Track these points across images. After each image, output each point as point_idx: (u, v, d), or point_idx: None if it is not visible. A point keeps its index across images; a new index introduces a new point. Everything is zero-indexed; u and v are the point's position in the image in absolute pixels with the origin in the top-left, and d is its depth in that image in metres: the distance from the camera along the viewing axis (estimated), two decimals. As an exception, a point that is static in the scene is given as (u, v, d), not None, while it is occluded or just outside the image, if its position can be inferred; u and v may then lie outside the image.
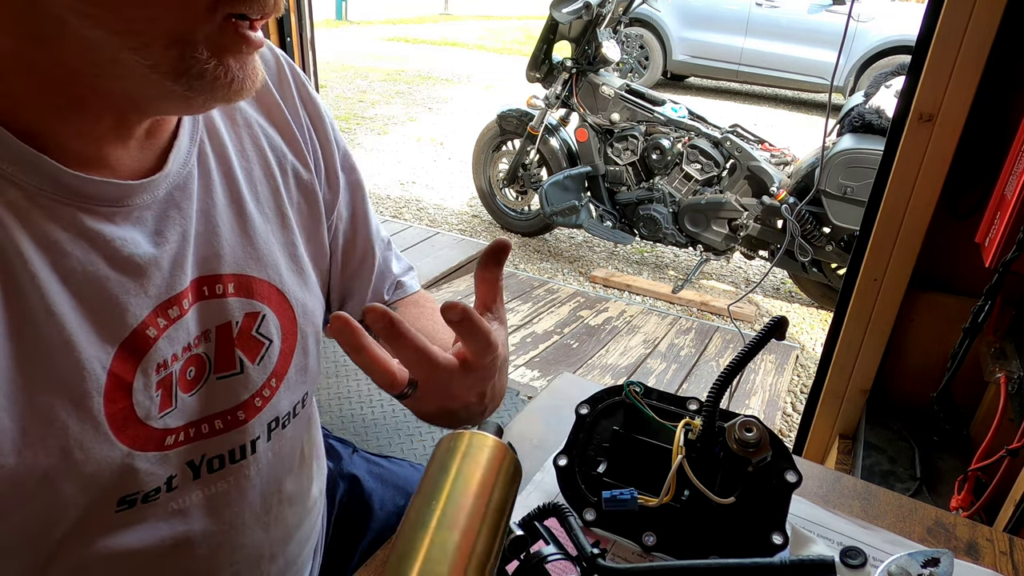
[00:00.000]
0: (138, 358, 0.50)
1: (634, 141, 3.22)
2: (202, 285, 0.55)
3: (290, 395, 0.63)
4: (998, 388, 1.12)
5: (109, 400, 0.48)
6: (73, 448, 0.47)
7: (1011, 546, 0.61)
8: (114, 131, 0.48)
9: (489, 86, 7.83)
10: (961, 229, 1.29)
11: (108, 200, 0.48)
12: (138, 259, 0.50)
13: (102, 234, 0.48)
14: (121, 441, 0.50)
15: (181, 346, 0.53)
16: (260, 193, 0.61)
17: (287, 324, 0.62)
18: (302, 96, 0.66)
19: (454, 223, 4.01)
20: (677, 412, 0.61)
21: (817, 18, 6.74)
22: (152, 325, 0.51)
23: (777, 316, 0.55)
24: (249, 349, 0.58)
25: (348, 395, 2.15)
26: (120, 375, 0.49)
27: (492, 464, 0.43)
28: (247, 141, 0.61)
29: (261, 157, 0.62)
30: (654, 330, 2.81)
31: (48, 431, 0.45)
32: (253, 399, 0.59)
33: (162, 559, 0.55)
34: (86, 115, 0.46)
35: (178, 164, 0.53)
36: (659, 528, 0.56)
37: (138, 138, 0.51)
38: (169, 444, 0.54)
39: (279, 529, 0.65)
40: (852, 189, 2.62)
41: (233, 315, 0.57)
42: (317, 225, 0.67)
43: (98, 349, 0.48)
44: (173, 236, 0.53)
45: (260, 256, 0.59)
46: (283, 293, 0.61)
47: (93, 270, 0.47)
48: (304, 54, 2.30)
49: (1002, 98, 1.20)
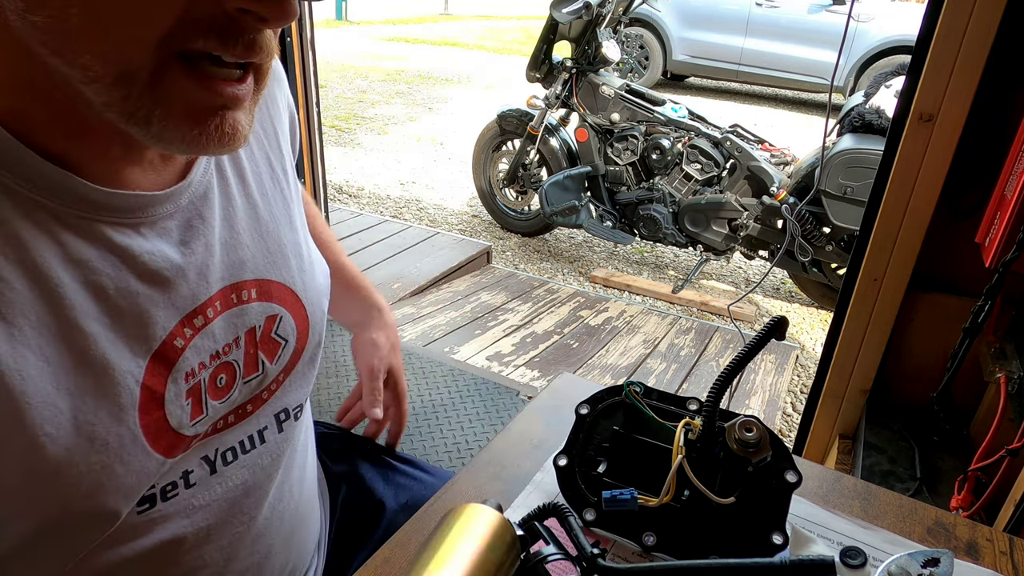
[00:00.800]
0: (168, 369, 0.51)
1: (634, 141, 3.22)
2: (230, 293, 0.56)
3: (297, 387, 0.65)
4: (998, 388, 1.12)
5: (144, 412, 0.49)
6: (114, 463, 0.47)
7: (1011, 546, 0.61)
8: (129, 155, 0.48)
9: (489, 86, 7.83)
10: (961, 229, 1.29)
11: (133, 211, 0.48)
12: (166, 271, 0.50)
13: (130, 248, 0.48)
14: (157, 451, 0.50)
15: (208, 354, 0.54)
16: (270, 195, 0.62)
17: (300, 323, 0.63)
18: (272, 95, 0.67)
19: (454, 223, 4.01)
20: (677, 412, 0.61)
21: (817, 18, 6.74)
22: (179, 335, 0.51)
23: (777, 316, 0.55)
24: (269, 351, 0.60)
25: (348, 395, 2.15)
26: (152, 387, 0.49)
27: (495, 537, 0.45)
28: (254, 143, 0.61)
29: (266, 158, 0.62)
30: (654, 330, 2.81)
31: (91, 449, 0.46)
32: (261, 393, 0.61)
33: (184, 555, 0.56)
34: (96, 140, 0.45)
35: (198, 174, 0.54)
36: (659, 528, 0.56)
37: (155, 162, 0.50)
38: (192, 445, 0.55)
39: (288, 523, 0.66)
40: (852, 189, 2.62)
41: (256, 320, 0.58)
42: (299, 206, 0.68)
43: (130, 363, 0.48)
44: (198, 246, 0.53)
45: (275, 259, 0.60)
46: (296, 293, 0.62)
47: (124, 286, 0.48)
48: (304, 54, 2.30)
49: (1002, 98, 1.20)
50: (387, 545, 0.58)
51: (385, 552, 0.58)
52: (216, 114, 0.43)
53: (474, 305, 2.90)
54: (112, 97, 0.40)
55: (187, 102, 0.41)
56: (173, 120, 0.41)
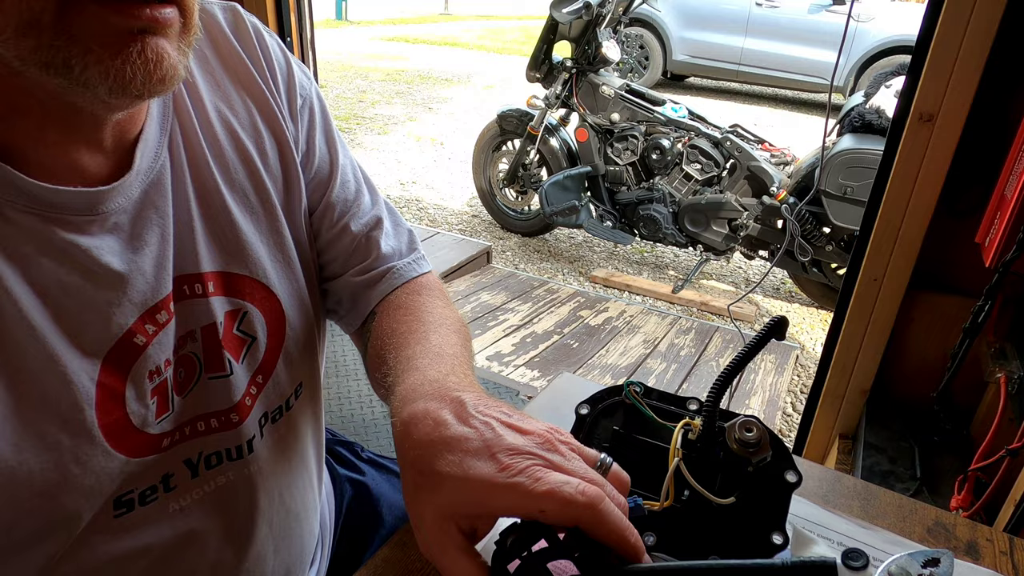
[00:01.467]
0: (127, 367, 0.49)
1: (634, 141, 3.22)
2: (182, 284, 0.53)
3: (278, 390, 0.61)
4: (998, 388, 1.12)
5: (102, 412, 0.47)
6: (68, 462, 0.46)
7: (1011, 546, 0.61)
8: (69, 138, 0.45)
9: (489, 86, 7.83)
10: (961, 229, 1.29)
11: (79, 210, 0.46)
12: (116, 266, 0.48)
13: (75, 244, 0.46)
14: (119, 451, 0.49)
15: (172, 350, 0.52)
16: (236, 180, 0.57)
17: (273, 319, 0.59)
18: (262, 46, 0.61)
19: (454, 223, 4.01)
20: (677, 412, 0.61)
21: (817, 18, 6.73)
22: (140, 332, 0.49)
23: (777, 316, 0.55)
24: (233, 348, 0.56)
25: (348, 395, 2.15)
26: (110, 385, 0.48)
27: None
28: (216, 122, 0.56)
29: (233, 138, 0.57)
30: (654, 330, 2.81)
31: (41, 446, 0.45)
32: (244, 399, 0.58)
33: (168, 560, 0.55)
34: (28, 119, 0.43)
35: (148, 159, 0.50)
36: (659, 528, 0.56)
37: (103, 144, 0.48)
38: (165, 446, 0.53)
39: (284, 528, 0.64)
40: (852, 189, 2.62)
41: (216, 315, 0.55)
42: (294, 191, 0.62)
43: (84, 361, 0.46)
44: (152, 238, 0.50)
45: (241, 251, 0.56)
46: (268, 287, 0.59)
47: (68, 281, 0.46)
48: (304, 54, 2.30)
49: (1002, 98, 1.20)
50: (387, 545, 0.58)
51: (385, 552, 0.58)
52: (136, 39, 0.40)
53: (474, 305, 2.90)
54: (22, 48, 0.38)
55: (102, 30, 0.38)
56: (93, 55, 0.38)
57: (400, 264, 0.68)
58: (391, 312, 0.64)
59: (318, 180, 0.65)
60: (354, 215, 0.67)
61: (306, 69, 0.66)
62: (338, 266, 0.67)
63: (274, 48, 0.62)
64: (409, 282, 0.68)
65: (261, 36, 0.61)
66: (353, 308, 0.68)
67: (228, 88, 0.58)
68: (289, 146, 0.61)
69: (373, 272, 0.67)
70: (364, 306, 0.67)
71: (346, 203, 0.67)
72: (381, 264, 0.67)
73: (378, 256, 0.67)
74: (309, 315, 0.64)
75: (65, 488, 0.46)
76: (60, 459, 0.45)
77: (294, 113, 0.63)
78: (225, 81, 0.58)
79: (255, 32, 0.61)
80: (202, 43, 0.57)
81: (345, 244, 0.67)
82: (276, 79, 0.61)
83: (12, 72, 0.40)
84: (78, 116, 0.45)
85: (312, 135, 0.65)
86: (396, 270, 0.67)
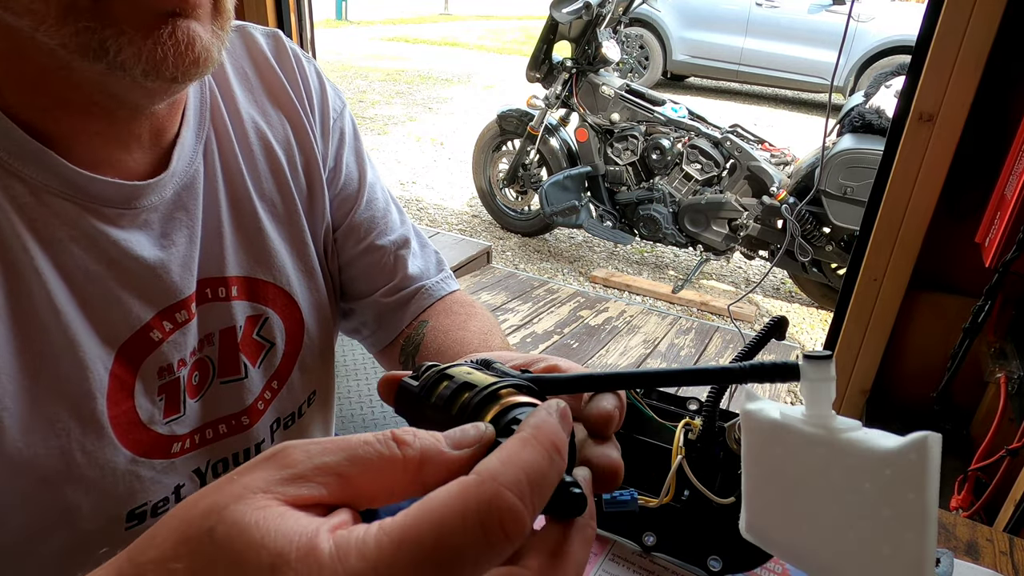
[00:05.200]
0: (139, 360, 0.50)
1: (634, 141, 3.22)
2: (205, 287, 0.54)
3: (292, 396, 0.63)
4: (998, 388, 1.12)
5: (112, 402, 0.48)
6: (75, 450, 0.46)
7: (1011, 546, 0.61)
8: (111, 130, 0.47)
9: (489, 86, 7.83)
10: (961, 229, 1.29)
11: (114, 202, 0.48)
12: (143, 262, 0.49)
13: (106, 235, 0.47)
14: (125, 446, 0.49)
15: (189, 351, 0.53)
16: (266, 189, 0.59)
17: (293, 327, 0.61)
18: (300, 70, 0.64)
19: (454, 223, 4.01)
20: (677, 412, 0.61)
21: (817, 18, 6.73)
22: (156, 328, 0.50)
23: (777, 316, 0.55)
24: (250, 352, 0.58)
25: (348, 395, 2.15)
26: (121, 377, 0.49)
27: None
28: (252, 134, 0.59)
29: (267, 150, 0.60)
30: (654, 330, 2.81)
31: (50, 431, 0.45)
32: (256, 403, 0.59)
33: None
34: (72, 113, 0.45)
35: (183, 163, 0.52)
36: (659, 528, 0.56)
37: (142, 140, 0.49)
38: (176, 452, 0.53)
39: None
40: (852, 189, 2.62)
41: (236, 319, 0.56)
42: (317, 205, 0.64)
43: (100, 349, 0.47)
44: (180, 239, 0.52)
45: (267, 258, 0.58)
46: (291, 295, 0.60)
47: (95, 270, 0.47)
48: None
49: (1002, 98, 1.20)
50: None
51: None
52: (166, 21, 0.41)
53: (474, 305, 2.90)
54: (64, 35, 0.39)
55: (134, 12, 0.39)
56: (126, 37, 0.40)
57: (429, 283, 0.70)
58: (439, 317, 0.67)
59: (344, 196, 0.67)
60: (381, 232, 0.69)
61: (339, 91, 0.69)
62: (363, 284, 0.69)
63: (311, 72, 0.65)
64: (441, 299, 0.70)
65: (300, 61, 0.64)
66: (379, 328, 0.70)
67: (265, 104, 0.61)
68: (317, 161, 0.63)
69: (403, 292, 0.68)
70: (394, 326, 0.69)
71: (373, 220, 0.68)
72: (410, 284, 0.69)
73: (405, 276, 0.69)
74: (327, 325, 0.65)
75: (68, 477, 0.46)
76: (67, 446, 0.46)
77: (325, 132, 0.65)
78: (263, 98, 0.61)
79: (295, 57, 0.64)
80: (244, 62, 0.61)
81: (371, 261, 0.68)
82: (311, 100, 0.64)
83: (60, 65, 0.41)
84: (120, 107, 0.46)
85: (341, 153, 0.67)
86: (426, 289, 0.69)
